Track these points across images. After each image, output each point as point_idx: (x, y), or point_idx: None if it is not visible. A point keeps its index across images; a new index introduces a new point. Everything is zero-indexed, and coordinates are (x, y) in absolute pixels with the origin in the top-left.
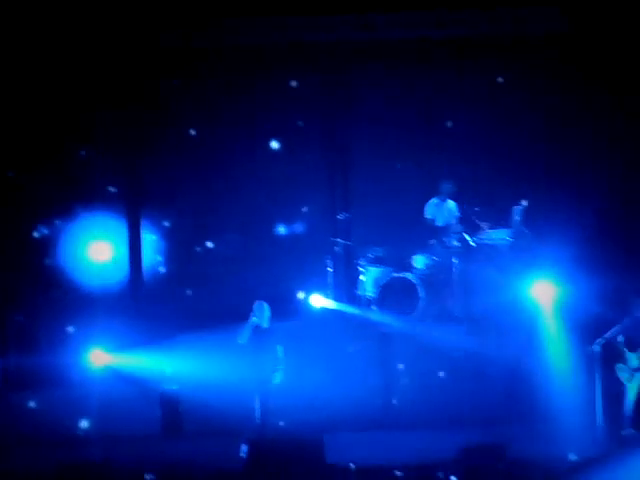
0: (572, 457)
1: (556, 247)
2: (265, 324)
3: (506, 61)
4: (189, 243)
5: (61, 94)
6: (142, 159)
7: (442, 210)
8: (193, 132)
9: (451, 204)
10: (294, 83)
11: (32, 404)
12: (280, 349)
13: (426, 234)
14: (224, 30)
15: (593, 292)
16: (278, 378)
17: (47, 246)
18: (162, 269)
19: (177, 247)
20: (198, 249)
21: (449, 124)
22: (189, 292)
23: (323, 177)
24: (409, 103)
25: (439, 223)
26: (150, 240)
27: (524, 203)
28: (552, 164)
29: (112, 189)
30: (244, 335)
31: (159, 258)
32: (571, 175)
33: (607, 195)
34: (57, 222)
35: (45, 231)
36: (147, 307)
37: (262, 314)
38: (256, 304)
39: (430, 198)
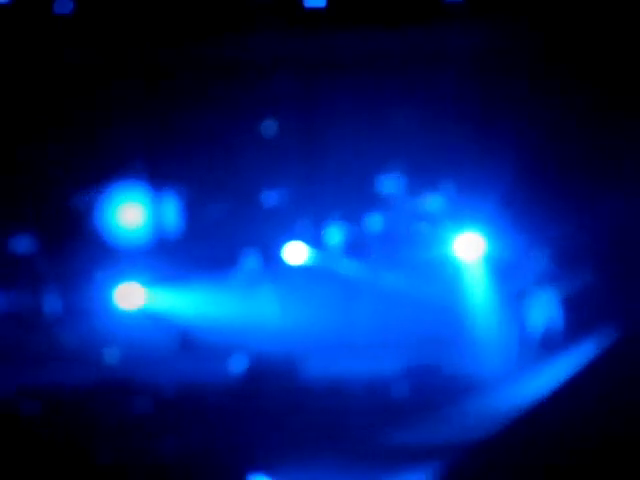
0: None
1: (479, 208)
2: (252, 267)
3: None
4: (196, 206)
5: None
6: (162, 142)
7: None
8: (200, 120)
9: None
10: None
11: (65, 335)
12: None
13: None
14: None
15: (510, 243)
16: None
17: (86, 211)
18: (176, 227)
19: (187, 209)
20: (203, 211)
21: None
22: (199, 246)
23: (301, 160)
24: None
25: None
26: (167, 205)
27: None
28: (477, 142)
29: (138, 164)
30: (239, 279)
31: (175, 218)
32: (492, 150)
33: (524, 163)
34: (93, 192)
35: (84, 199)
36: (165, 256)
37: (250, 261)
38: (244, 252)
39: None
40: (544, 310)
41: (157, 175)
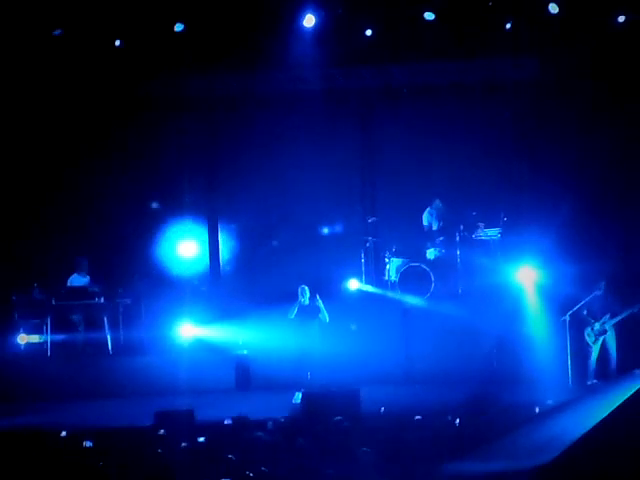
0: (548, 402)
1: (536, 240)
2: (306, 302)
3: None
4: (254, 241)
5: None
6: (219, 178)
7: (436, 217)
8: (256, 162)
9: (443, 210)
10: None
11: (135, 367)
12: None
13: (435, 233)
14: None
15: (566, 275)
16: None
17: (148, 246)
18: (234, 261)
19: (245, 244)
20: (261, 245)
21: (452, 152)
22: (254, 279)
23: (357, 190)
24: (422, 136)
25: (434, 228)
26: (225, 239)
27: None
28: (533, 178)
29: (197, 200)
30: (292, 312)
31: (232, 252)
32: (547, 186)
33: (577, 196)
34: (156, 228)
35: (147, 234)
36: (223, 290)
37: (304, 295)
38: (300, 288)
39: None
40: (601, 340)
41: (215, 210)
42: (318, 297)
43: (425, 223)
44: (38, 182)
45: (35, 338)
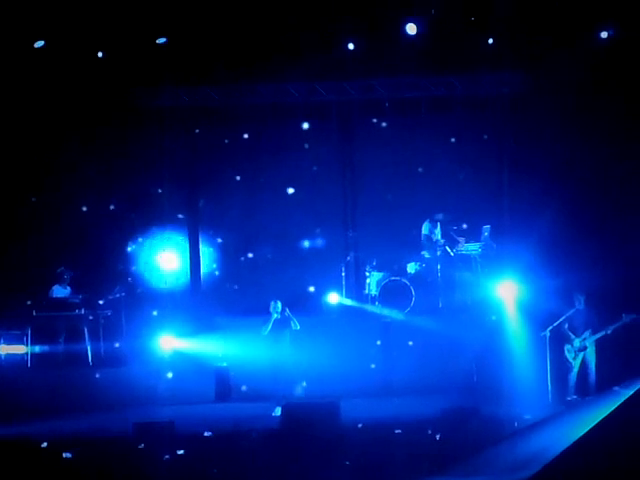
0: (527, 417)
1: (515, 255)
2: (278, 316)
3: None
4: (235, 254)
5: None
6: (199, 193)
7: (432, 229)
8: (237, 175)
9: (437, 225)
10: (311, 131)
11: (115, 378)
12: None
13: (416, 247)
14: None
15: (546, 290)
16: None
17: (129, 257)
18: (215, 273)
19: (226, 257)
20: (242, 258)
21: (434, 166)
22: (234, 292)
23: (338, 205)
24: (404, 150)
25: (435, 239)
26: (206, 252)
27: (488, 225)
28: (513, 191)
29: (178, 215)
30: (266, 328)
31: (213, 265)
32: (527, 199)
33: (559, 210)
34: (137, 240)
35: (128, 246)
36: (203, 303)
37: (276, 309)
38: (272, 303)
39: (420, 221)
40: (581, 356)
41: (196, 222)
42: (287, 310)
43: (425, 232)
44: (19, 192)
45: (21, 349)
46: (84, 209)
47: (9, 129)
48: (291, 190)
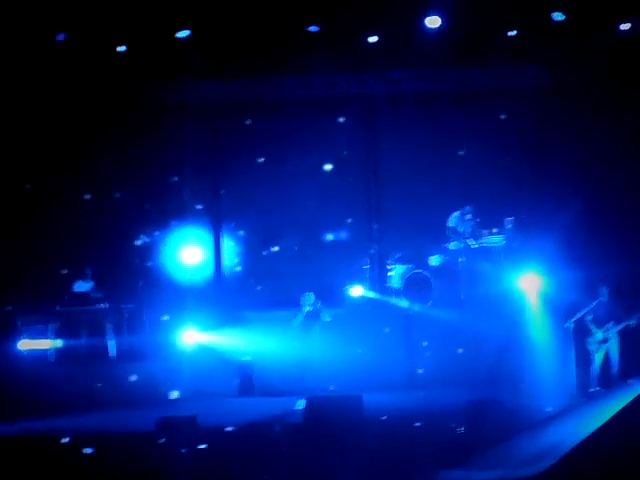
0: (549, 409)
1: (539, 247)
2: (310, 309)
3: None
4: (258, 247)
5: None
6: (222, 185)
7: (460, 221)
8: (261, 161)
9: (465, 217)
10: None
11: (139, 372)
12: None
13: (440, 239)
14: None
15: (569, 281)
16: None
17: (151, 251)
18: (238, 268)
19: (249, 250)
20: (265, 252)
21: (457, 159)
22: (258, 285)
23: (362, 197)
24: (427, 142)
25: (460, 230)
26: (229, 245)
27: (512, 217)
28: (536, 184)
29: (200, 207)
30: (297, 320)
31: (235, 259)
32: (550, 192)
33: (581, 202)
34: (158, 233)
35: (149, 240)
36: (226, 297)
37: (308, 302)
38: (303, 295)
39: (443, 213)
40: (604, 348)
41: (220, 216)
42: (319, 302)
43: (452, 224)
44: (41, 187)
45: (45, 344)
46: (106, 204)
47: (33, 124)
48: (313, 183)
